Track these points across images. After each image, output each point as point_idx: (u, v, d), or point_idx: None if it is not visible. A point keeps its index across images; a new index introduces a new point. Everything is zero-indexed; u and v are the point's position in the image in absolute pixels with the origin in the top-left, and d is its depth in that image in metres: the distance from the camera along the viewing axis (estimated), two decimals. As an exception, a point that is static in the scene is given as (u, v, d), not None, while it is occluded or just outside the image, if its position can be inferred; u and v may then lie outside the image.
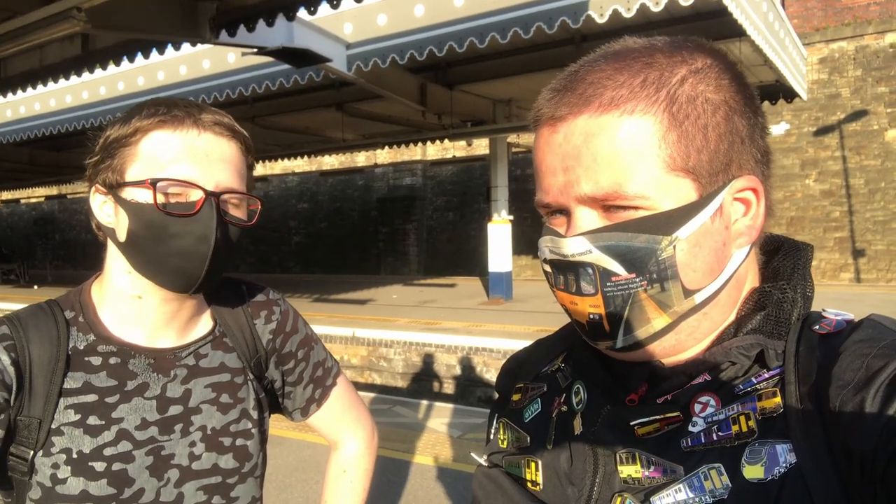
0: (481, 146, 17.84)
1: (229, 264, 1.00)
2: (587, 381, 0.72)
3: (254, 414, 1.08)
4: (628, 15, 6.06)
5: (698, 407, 0.62)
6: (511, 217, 12.71)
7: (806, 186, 15.02)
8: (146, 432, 0.98)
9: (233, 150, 0.97)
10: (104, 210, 0.98)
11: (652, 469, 0.62)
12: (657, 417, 0.63)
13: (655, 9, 6.01)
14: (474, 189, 19.39)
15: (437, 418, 5.87)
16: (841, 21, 15.35)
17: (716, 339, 0.64)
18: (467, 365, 8.61)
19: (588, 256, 0.61)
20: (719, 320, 0.64)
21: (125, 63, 6.62)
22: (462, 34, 7.10)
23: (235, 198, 0.97)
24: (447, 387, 8.78)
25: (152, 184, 0.90)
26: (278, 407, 1.21)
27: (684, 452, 0.60)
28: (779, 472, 0.55)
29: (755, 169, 0.63)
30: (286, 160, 16.86)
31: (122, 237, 0.95)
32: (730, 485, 0.57)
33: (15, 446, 0.92)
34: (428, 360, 8.97)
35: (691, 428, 0.61)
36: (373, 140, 14.11)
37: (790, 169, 15.09)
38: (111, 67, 7.48)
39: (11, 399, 0.90)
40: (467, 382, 8.56)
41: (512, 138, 14.87)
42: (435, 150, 20.17)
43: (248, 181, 1.02)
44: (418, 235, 20.53)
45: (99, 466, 0.94)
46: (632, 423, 0.64)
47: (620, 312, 0.61)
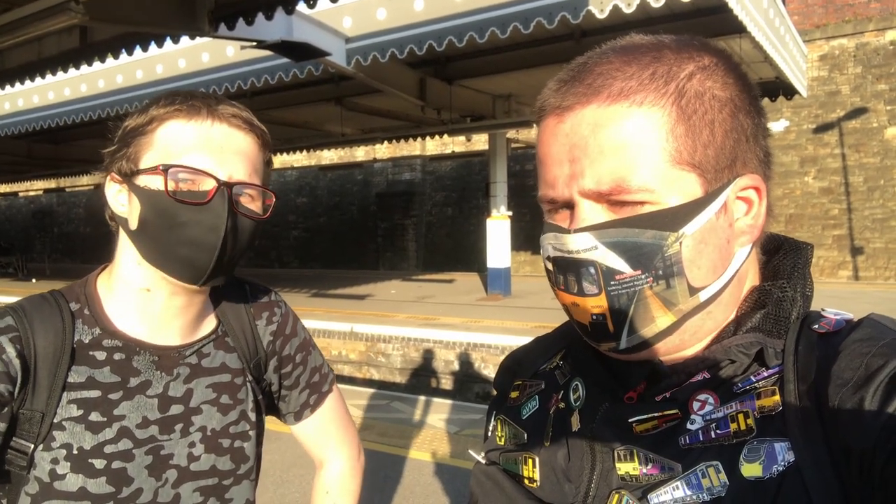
0: (480, 141, 17.84)
1: (241, 258, 0.99)
2: (586, 378, 0.72)
3: (252, 416, 1.08)
4: (628, 10, 6.04)
5: (697, 405, 0.62)
6: (510, 213, 12.70)
7: (805, 184, 15.03)
8: (147, 431, 0.97)
9: (248, 144, 0.96)
10: (118, 199, 0.97)
11: (650, 466, 0.61)
12: (655, 415, 0.63)
13: (656, 4, 6.00)
14: (473, 184, 19.38)
15: (435, 414, 5.88)
16: (841, 18, 15.33)
17: (716, 338, 0.64)
18: (465, 361, 8.62)
19: (593, 253, 0.60)
20: (721, 319, 0.64)
21: (123, 56, 6.59)
22: (462, 29, 7.08)
23: (250, 190, 0.96)
24: (445, 382, 8.79)
25: (164, 170, 0.89)
26: (274, 409, 1.20)
27: (682, 450, 0.60)
28: (777, 471, 0.55)
29: (758, 168, 0.63)
30: (285, 154, 16.82)
31: (134, 225, 0.94)
32: (727, 483, 0.57)
33: (15, 439, 0.90)
34: (426, 356, 8.98)
35: (689, 426, 0.61)
36: (372, 135, 14.08)
37: (789, 166, 15.09)
38: (109, 60, 7.44)
39: (15, 392, 0.89)
40: (465, 378, 8.57)
41: (511, 134, 14.86)
42: (434, 146, 20.15)
43: (265, 176, 1.01)
44: (417, 231, 20.52)
45: (99, 464, 0.92)
46: (630, 421, 0.64)
47: (625, 311, 0.61)
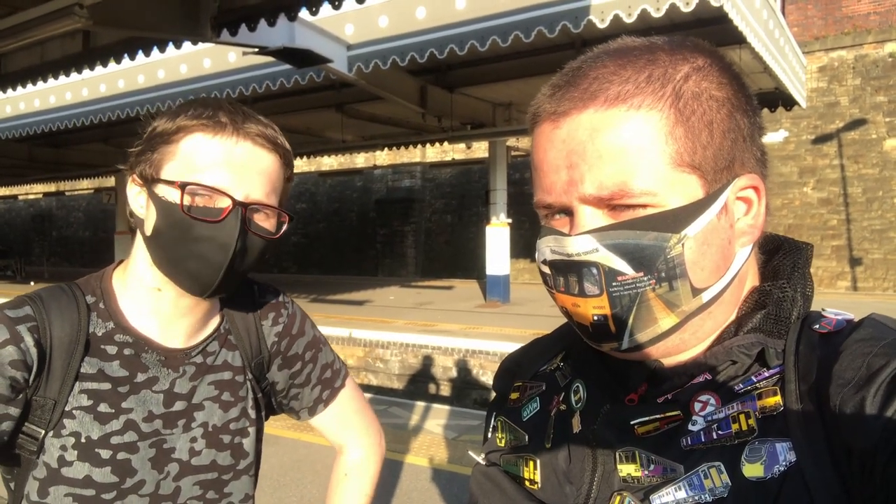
0: (480, 149, 17.86)
1: (248, 273, 1.01)
2: (587, 380, 0.72)
3: (252, 413, 1.10)
4: (629, 20, 6.08)
5: (698, 406, 0.61)
6: (509, 220, 12.71)
7: (804, 194, 15.05)
8: (151, 425, 0.99)
9: (270, 163, 0.97)
10: (138, 200, 0.99)
11: (651, 468, 0.61)
12: (657, 416, 0.63)
13: (656, 14, 6.03)
14: (473, 192, 19.40)
15: (433, 420, 5.87)
16: (840, 30, 15.41)
17: (717, 338, 0.64)
18: (464, 367, 8.60)
19: (594, 255, 0.60)
20: (722, 320, 0.64)
21: (126, 60, 6.62)
22: (463, 37, 7.11)
23: (266, 210, 0.97)
24: (443, 389, 8.77)
25: (181, 186, 0.91)
26: (273, 410, 1.21)
27: (684, 451, 0.60)
28: (779, 471, 0.55)
29: (756, 167, 0.63)
30: (285, 160, 16.85)
31: (149, 231, 0.96)
32: (729, 483, 0.57)
33: (28, 425, 0.93)
34: (424, 362, 8.96)
35: (691, 427, 0.61)
36: (372, 141, 14.11)
37: (788, 177, 15.12)
38: (112, 65, 7.46)
39: (31, 379, 0.91)
40: (463, 384, 8.55)
41: (511, 142, 14.88)
42: (434, 153, 20.17)
43: (283, 194, 1.02)
44: (416, 237, 20.52)
45: (105, 454, 0.95)
46: (632, 423, 0.64)
47: (627, 313, 0.60)
